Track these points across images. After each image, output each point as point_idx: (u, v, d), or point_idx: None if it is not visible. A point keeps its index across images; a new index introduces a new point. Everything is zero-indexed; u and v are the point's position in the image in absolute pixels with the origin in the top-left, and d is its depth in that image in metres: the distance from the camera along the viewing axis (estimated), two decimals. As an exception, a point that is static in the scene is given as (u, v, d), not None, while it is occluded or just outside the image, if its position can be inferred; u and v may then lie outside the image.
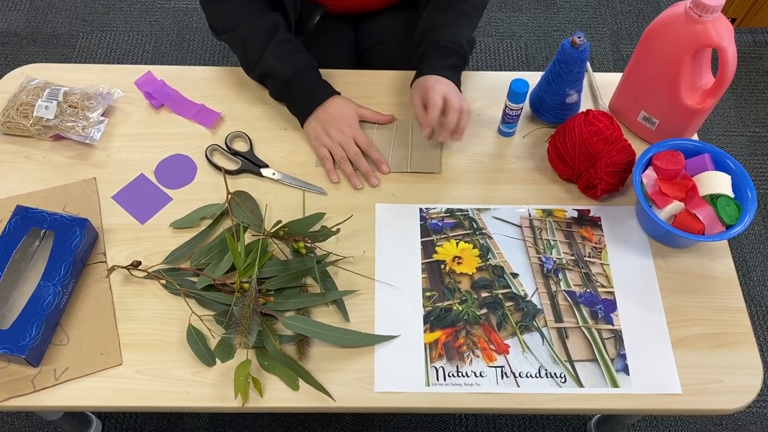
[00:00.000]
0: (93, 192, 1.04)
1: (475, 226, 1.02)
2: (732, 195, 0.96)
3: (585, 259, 1.00)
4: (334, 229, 0.98)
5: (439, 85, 1.04)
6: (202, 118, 1.12)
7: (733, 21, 2.11)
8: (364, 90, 1.15)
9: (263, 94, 1.14)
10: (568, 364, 0.90)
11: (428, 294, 0.96)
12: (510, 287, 0.97)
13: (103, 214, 1.02)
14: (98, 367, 0.89)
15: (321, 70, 1.11)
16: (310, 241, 0.97)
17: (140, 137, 1.10)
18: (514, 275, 0.98)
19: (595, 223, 1.03)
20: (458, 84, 1.09)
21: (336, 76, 1.16)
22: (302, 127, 1.10)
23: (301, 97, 1.09)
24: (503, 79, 1.16)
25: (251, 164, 1.07)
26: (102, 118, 1.09)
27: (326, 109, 1.07)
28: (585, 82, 1.17)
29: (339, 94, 1.10)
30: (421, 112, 1.05)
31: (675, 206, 0.95)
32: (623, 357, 0.91)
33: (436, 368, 0.90)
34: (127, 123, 1.11)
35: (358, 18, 1.31)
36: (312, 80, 1.09)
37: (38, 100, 1.06)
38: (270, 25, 1.08)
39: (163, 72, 1.17)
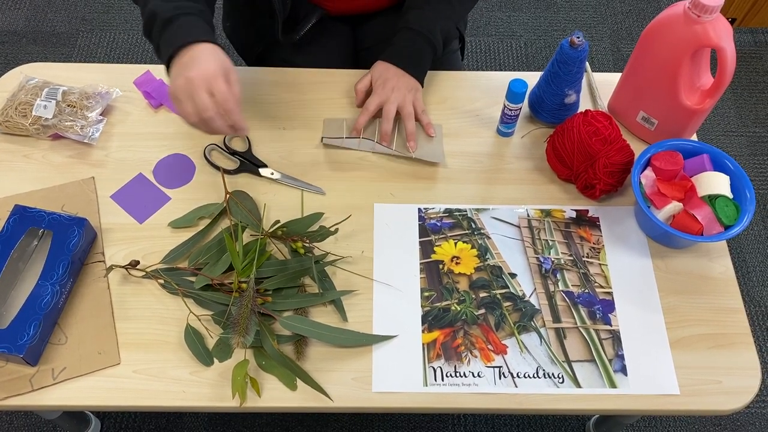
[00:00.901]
0: (91, 191, 1.03)
1: (473, 226, 1.02)
2: (730, 195, 0.96)
3: (583, 259, 0.99)
4: (332, 228, 0.98)
5: (380, 87, 1.05)
6: (201, 117, 1.12)
7: (733, 21, 2.11)
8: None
9: (262, 94, 1.14)
10: (566, 365, 0.90)
11: (426, 294, 0.96)
12: (508, 287, 0.97)
13: (102, 213, 1.02)
14: (96, 367, 0.89)
15: (319, 70, 1.11)
16: (308, 241, 0.97)
17: (139, 137, 1.10)
18: (513, 275, 0.98)
19: (594, 223, 1.03)
20: (419, 73, 1.08)
21: (334, 76, 1.16)
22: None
23: (167, 38, 0.89)
24: (502, 79, 1.16)
25: (250, 164, 1.07)
26: (101, 117, 1.09)
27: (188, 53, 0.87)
28: (584, 82, 1.17)
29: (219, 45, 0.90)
30: (360, 93, 1.08)
31: (673, 207, 0.95)
32: (621, 357, 0.91)
33: (434, 368, 0.90)
34: (125, 122, 1.11)
35: (357, 19, 1.31)
36: (192, 24, 0.90)
37: (37, 99, 1.06)
38: None
39: (162, 71, 1.16)
